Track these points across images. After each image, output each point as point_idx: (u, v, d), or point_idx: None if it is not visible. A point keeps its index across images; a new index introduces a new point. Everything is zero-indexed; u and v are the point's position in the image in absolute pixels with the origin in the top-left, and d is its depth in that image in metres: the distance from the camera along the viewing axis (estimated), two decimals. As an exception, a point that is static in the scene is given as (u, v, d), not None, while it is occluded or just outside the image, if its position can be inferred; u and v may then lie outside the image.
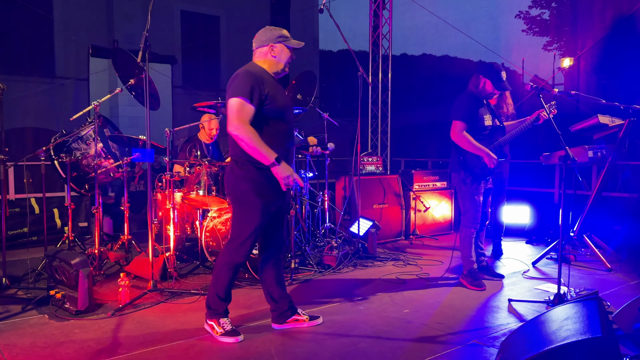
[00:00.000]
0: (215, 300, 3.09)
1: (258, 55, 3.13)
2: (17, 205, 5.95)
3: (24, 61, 11.64)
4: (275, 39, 3.07)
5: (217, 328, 3.07)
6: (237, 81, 2.94)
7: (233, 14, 14.39)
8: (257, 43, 3.12)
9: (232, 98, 2.90)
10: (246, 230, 2.99)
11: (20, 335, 3.09)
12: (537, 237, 6.04)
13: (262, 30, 3.14)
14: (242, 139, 2.86)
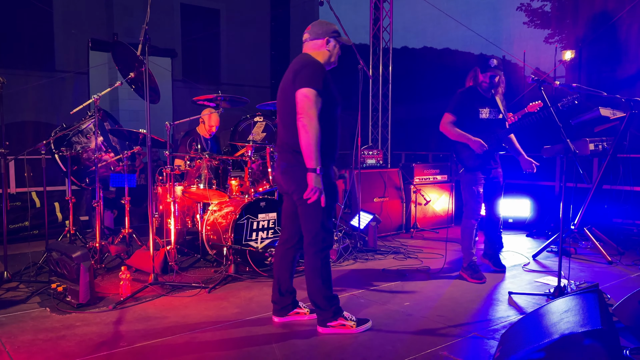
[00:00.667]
0: (329, 296, 3.05)
1: (312, 47, 3.09)
2: (18, 199, 5.96)
3: (24, 55, 11.61)
4: (331, 33, 3.08)
5: (349, 323, 3.05)
6: (311, 71, 2.89)
7: (233, 7, 14.33)
8: (312, 35, 3.09)
9: (307, 88, 2.84)
10: (322, 216, 2.98)
11: (21, 329, 3.10)
12: (538, 230, 6.04)
13: (317, 23, 3.13)
14: (308, 132, 2.82)
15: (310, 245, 3.03)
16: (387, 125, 8.85)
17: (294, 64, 3.02)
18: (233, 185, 4.71)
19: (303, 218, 3.03)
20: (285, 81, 3.04)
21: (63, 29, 11.95)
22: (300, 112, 2.84)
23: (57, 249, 3.73)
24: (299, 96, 2.86)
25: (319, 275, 3.02)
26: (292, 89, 2.91)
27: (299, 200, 2.98)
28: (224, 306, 3.53)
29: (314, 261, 3.03)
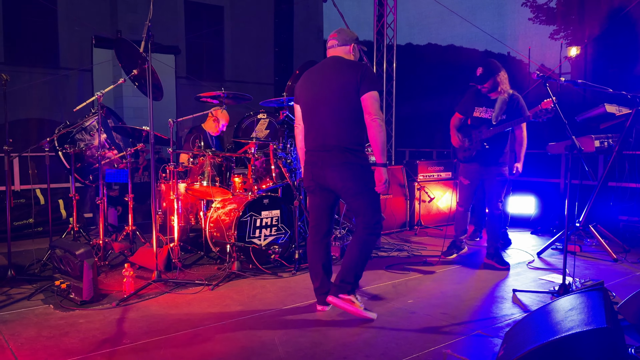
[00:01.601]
0: (358, 275, 3.28)
1: (341, 52, 3.36)
2: (23, 196, 5.97)
3: (28, 52, 11.65)
4: (355, 40, 3.39)
5: (357, 302, 3.24)
6: (372, 74, 3.21)
7: (237, 4, 14.32)
8: (341, 41, 3.36)
9: (376, 91, 3.16)
10: (378, 204, 3.29)
11: (25, 325, 3.11)
12: (543, 228, 6.01)
13: (344, 30, 3.40)
14: (382, 131, 3.13)
15: (372, 230, 3.25)
16: (391, 122, 8.82)
17: (344, 66, 3.24)
18: (236, 182, 4.70)
19: (358, 210, 3.25)
20: (337, 80, 3.21)
21: (67, 26, 11.98)
22: (373, 113, 3.12)
23: (60, 246, 3.74)
24: (370, 99, 3.13)
25: (365, 258, 3.27)
26: (356, 91, 3.14)
27: (355, 194, 3.20)
28: (227, 303, 3.52)
29: (370, 244, 3.27)
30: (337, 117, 3.19)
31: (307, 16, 15.24)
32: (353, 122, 3.18)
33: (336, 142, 3.19)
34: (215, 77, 14.14)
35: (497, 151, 4.46)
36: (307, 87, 3.35)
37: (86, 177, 4.76)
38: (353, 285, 3.26)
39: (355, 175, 3.18)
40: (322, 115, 3.24)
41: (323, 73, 3.30)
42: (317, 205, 3.38)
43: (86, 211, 6.57)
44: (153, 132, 3.87)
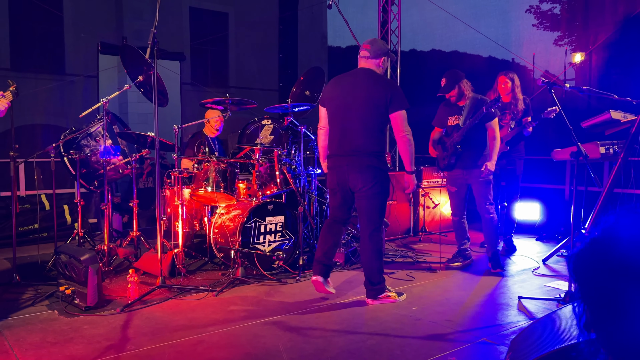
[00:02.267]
0: (381, 269, 3.64)
1: (372, 64, 3.61)
2: (28, 201, 6.00)
3: (34, 58, 11.73)
4: (386, 53, 3.63)
5: (392, 294, 3.65)
6: (401, 93, 3.52)
7: (241, 10, 14.39)
8: (373, 54, 3.59)
9: (404, 110, 3.53)
10: (385, 209, 3.69)
11: (30, 331, 3.11)
12: (548, 234, 5.98)
13: (377, 42, 3.64)
14: (410, 145, 3.55)
15: (374, 233, 3.59)
16: (395, 128, 8.82)
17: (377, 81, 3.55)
18: (241, 188, 4.71)
19: (370, 210, 3.58)
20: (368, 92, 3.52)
21: (73, 33, 12.06)
22: (403, 131, 3.52)
23: (65, 251, 3.74)
24: (399, 117, 3.50)
25: (380, 257, 3.62)
26: (385, 107, 3.48)
27: (372, 195, 3.55)
28: (231, 309, 3.52)
29: (377, 245, 3.59)
30: (366, 126, 3.52)
31: (312, 23, 15.30)
32: (379, 132, 3.56)
33: (363, 148, 3.52)
34: (220, 84, 14.19)
35: (475, 153, 4.49)
36: (337, 94, 3.65)
37: (91, 183, 4.78)
38: (382, 282, 3.62)
39: (375, 178, 3.53)
40: (352, 122, 3.56)
41: (355, 84, 3.59)
42: (341, 200, 3.72)
43: (91, 217, 6.59)
44: (158, 138, 3.89)
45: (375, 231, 3.60)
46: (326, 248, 3.71)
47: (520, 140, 5.17)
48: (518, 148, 5.21)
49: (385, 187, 3.61)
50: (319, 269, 3.68)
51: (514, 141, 5.12)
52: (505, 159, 5.20)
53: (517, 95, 5.04)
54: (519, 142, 5.19)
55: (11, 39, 11.50)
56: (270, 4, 12.61)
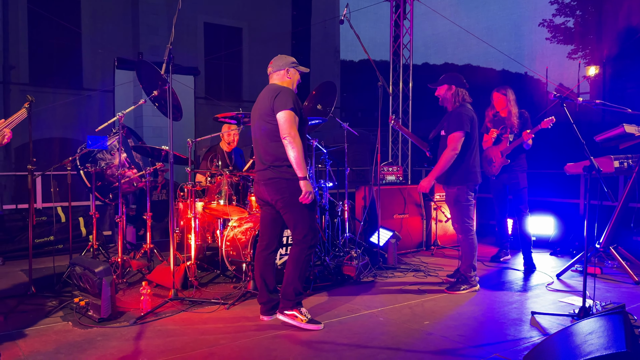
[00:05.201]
0: (298, 288, 3.47)
1: (276, 77, 3.61)
2: (45, 213, 6.09)
3: (53, 73, 11.98)
4: (291, 64, 3.61)
5: (301, 317, 3.44)
6: (283, 96, 3.40)
7: (255, 26, 14.58)
8: (276, 67, 3.61)
9: (285, 110, 3.36)
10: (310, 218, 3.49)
11: (44, 342, 3.15)
12: (562, 249, 5.91)
13: (282, 56, 3.67)
14: (294, 147, 3.32)
15: (299, 244, 3.48)
16: (407, 142, 8.83)
17: (268, 91, 3.53)
18: (253, 201, 4.74)
19: (292, 222, 3.49)
20: (260, 104, 3.53)
21: (91, 49, 12.31)
22: (284, 133, 3.34)
23: (80, 263, 3.79)
24: (279, 119, 3.37)
25: (299, 270, 3.46)
26: (272, 113, 3.41)
27: (284, 207, 3.46)
28: (242, 323, 3.53)
29: (299, 257, 3.47)
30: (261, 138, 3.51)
31: (325, 37, 15.43)
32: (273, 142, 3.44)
33: (265, 161, 3.50)
34: (233, 98, 14.35)
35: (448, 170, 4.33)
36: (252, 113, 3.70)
37: (106, 196, 4.85)
38: (295, 300, 3.48)
39: (280, 189, 3.43)
40: (255, 136, 3.61)
41: (257, 100, 3.62)
42: (262, 219, 3.69)
43: (106, 229, 6.67)
44: (172, 152, 3.94)
45: (302, 247, 3.46)
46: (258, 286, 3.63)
47: (521, 153, 5.17)
48: (519, 162, 5.20)
49: (295, 197, 3.39)
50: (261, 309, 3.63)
51: (514, 154, 5.13)
52: (507, 172, 5.19)
53: (511, 110, 5.10)
54: (520, 155, 5.19)
55: (30, 54, 11.78)
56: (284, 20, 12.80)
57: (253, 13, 14.48)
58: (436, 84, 4.48)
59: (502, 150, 5.16)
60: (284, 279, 3.50)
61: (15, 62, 11.47)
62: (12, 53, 11.39)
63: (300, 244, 3.47)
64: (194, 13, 13.51)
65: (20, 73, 11.59)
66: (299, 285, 3.48)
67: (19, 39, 11.48)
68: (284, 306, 3.49)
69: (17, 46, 11.47)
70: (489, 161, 5.30)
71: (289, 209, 3.46)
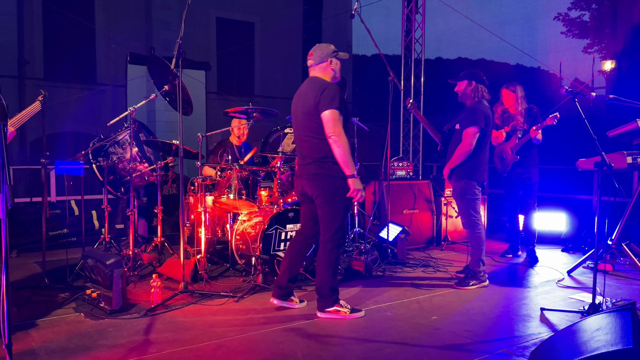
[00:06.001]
0: (333, 284, 3.51)
1: (318, 70, 3.57)
2: (58, 207, 6.18)
3: (67, 68, 12.11)
4: (332, 53, 3.55)
5: (343, 309, 3.52)
6: (329, 94, 3.36)
7: (267, 20, 14.59)
8: (318, 59, 3.55)
9: (331, 110, 3.34)
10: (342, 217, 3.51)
11: (56, 333, 3.21)
12: (574, 245, 5.86)
13: (320, 46, 3.60)
14: (340, 146, 3.35)
15: (329, 242, 3.49)
16: (418, 137, 8.80)
17: (312, 85, 3.50)
18: (262, 195, 4.76)
19: (325, 218, 3.48)
20: (303, 99, 3.51)
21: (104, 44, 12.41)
22: (329, 131, 3.35)
23: (92, 256, 3.85)
24: (325, 118, 3.37)
25: (331, 269, 3.48)
26: (315, 110, 3.40)
27: (323, 203, 3.46)
28: (251, 315, 3.56)
29: (330, 256, 3.49)
30: (305, 134, 3.52)
31: (336, 32, 15.39)
32: (316, 138, 3.45)
33: (309, 155, 3.52)
34: (245, 93, 14.38)
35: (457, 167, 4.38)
36: (292, 107, 3.68)
37: (118, 189, 4.90)
38: (332, 297, 3.52)
39: (322, 185, 3.46)
40: (297, 132, 3.61)
41: (299, 95, 3.61)
42: (303, 212, 3.73)
43: (118, 222, 6.74)
44: (182, 146, 3.98)
45: (328, 241, 3.49)
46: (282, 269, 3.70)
47: (531, 148, 5.15)
48: (531, 157, 5.19)
49: (335, 194, 3.43)
50: (275, 292, 3.72)
51: (525, 150, 5.11)
52: (520, 168, 5.18)
53: (518, 107, 5.07)
54: (531, 150, 5.16)
55: (45, 50, 11.90)
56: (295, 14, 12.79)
57: (265, 8, 14.49)
58: (456, 79, 4.49)
59: (512, 146, 5.14)
60: (318, 279, 3.53)
61: (30, 58, 11.61)
62: (27, 48, 11.53)
63: (330, 243, 3.48)
64: (207, 8, 13.55)
65: (35, 68, 11.73)
66: (334, 283, 3.51)
67: (33, 35, 11.61)
68: (323, 305, 3.52)
69: (32, 41, 11.60)
70: (500, 158, 5.28)
71: (327, 205, 3.46)
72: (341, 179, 3.42)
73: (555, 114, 4.80)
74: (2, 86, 10.80)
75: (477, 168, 4.33)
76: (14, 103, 10.93)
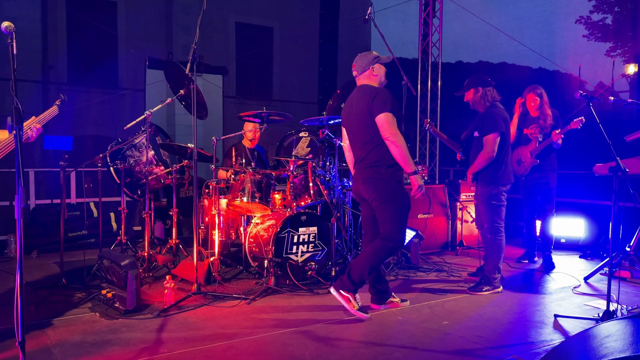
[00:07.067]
0: (363, 275, 3.54)
1: (364, 78, 3.73)
2: (78, 208, 6.31)
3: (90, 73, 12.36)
4: (374, 59, 3.69)
5: (354, 302, 3.55)
6: (381, 98, 3.52)
7: (286, 25, 14.67)
8: (360, 69, 3.71)
9: (385, 113, 3.49)
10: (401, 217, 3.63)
11: (71, 331, 3.28)
12: (592, 252, 5.76)
13: (361, 56, 3.73)
14: (399, 146, 3.48)
15: (386, 240, 3.57)
16: (435, 141, 8.76)
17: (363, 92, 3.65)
18: (276, 199, 4.80)
19: (384, 220, 3.59)
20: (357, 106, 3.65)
21: (126, 49, 12.64)
22: (386, 133, 3.48)
23: (108, 257, 3.93)
24: (380, 121, 3.50)
25: (373, 260, 3.56)
26: (370, 114, 3.54)
27: (379, 205, 3.59)
28: (262, 318, 3.59)
29: (379, 250, 3.57)
30: (361, 139, 3.65)
31: (355, 35, 15.40)
32: (372, 143, 3.58)
33: (364, 160, 3.65)
34: (263, 97, 14.48)
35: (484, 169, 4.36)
36: (345, 114, 3.84)
37: (135, 192, 4.99)
38: (355, 286, 3.56)
39: (377, 188, 3.58)
40: (353, 137, 3.75)
41: (351, 102, 3.75)
42: (363, 216, 3.89)
43: (135, 224, 6.85)
44: (196, 149, 4.04)
45: (385, 238, 3.58)
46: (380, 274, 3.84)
47: (551, 152, 5.09)
48: (550, 161, 5.12)
49: (389, 197, 3.56)
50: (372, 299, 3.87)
51: (544, 154, 5.05)
52: (538, 172, 5.12)
53: (545, 111, 5.04)
54: (550, 155, 5.10)
55: (68, 55, 12.17)
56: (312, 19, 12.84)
57: (283, 12, 14.58)
58: (462, 90, 4.49)
59: (532, 150, 5.08)
60: (357, 260, 3.60)
61: (54, 63, 11.87)
62: (51, 54, 11.79)
63: (388, 241, 3.57)
64: (226, 13, 13.70)
65: (58, 73, 12.00)
66: (365, 275, 3.56)
67: (57, 41, 11.87)
68: (342, 285, 3.57)
69: (56, 47, 11.87)
70: (518, 161, 5.22)
71: (383, 207, 3.57)
72: (395, 182, 3.58)
73: (580, 117, 4.74)
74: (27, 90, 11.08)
75: (504, 170, 4.32)
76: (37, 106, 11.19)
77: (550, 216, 5.19)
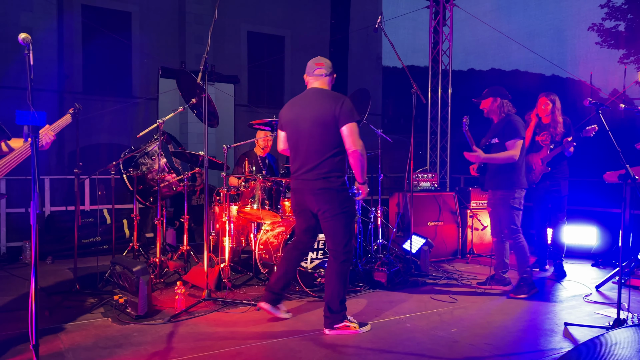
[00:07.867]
0: (342, 301, 3.46)
1: (324, 82, 3.61)
2: (92, 215, 6.40)
3: (104, 83, 12.56)
4: (332, 68, 3.65)
5: (352, 325, 3.46)
6: (348, 106, 3.41)
7: (297, 34, 14.79)
8: (327, 71, 3.61)
9: (353, 123, 3.40)
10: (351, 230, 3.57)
11: (84, 336, 3.34)
12: (605, 260, 5.71)
13: (326, 60, 3.64)
14: (362, 158, 3.42)
15: (340, 255, 3.47)
16: (445, 149, 8.75)
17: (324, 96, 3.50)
18: (286, 206, 4.84)
19: (333, 231, 3.48)
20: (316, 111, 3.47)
21: (139, 59, 12.84)
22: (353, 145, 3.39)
23: (120, 263, 3.99)
24: (346, 131, 3.39)
25: (343, 282, 3.45)
26: (334, 122, 3.40)
27: (330, 217, 3.46)
28: (271, 324, 3.62)
29: (341, 269, 3.46)
30: (316, 147, 3.47)
31: (366, 44, 15.48)
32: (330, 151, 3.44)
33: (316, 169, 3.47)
34: (274, 105, 14.58)
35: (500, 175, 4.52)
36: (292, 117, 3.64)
37: (147, 199, 5.06)
38: (341, 312, 3.45)
39: (329, 200, 3.45)
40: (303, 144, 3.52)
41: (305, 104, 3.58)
42: (300, 225, 3.72)
43: (148, 231, 6.93)
44: (207, 157, 4.10)
45: (339, 253, 3.46)
46: (278, 275, 3.67)
47: (562, 160, 5.07)
48: (562, 169, 5.11)
49: (341, 207, 3.45)
50: (267, 297, 3.67)
51: (555, 162, 5.04)
52: (549, 180, 5.10)
53: (557, 118, 5.03)
54: (561, 162, 5.09)
55: (84, 65, 12.39)
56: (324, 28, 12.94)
57: (295, 21, 14.71)
58: (480, 98, 4.63)
59: (543, 157, 5.06)
60: (329, 293, 3.44)
61: (69, 72, 12.08)
62: (66, 63, 12.01)
63: (341, 256, 3.45)
64: (238, 22, 13.85)
65: (74, 82, 12.21)
66: (344, 296, 3.47)
67: (73, 50, 12.09)
68: (332, 321, 3.42)
69: (71, 57, 12.08)
70: (529, 168, 5.20)
71: (335, 219, 3.45)
72: (344, 192, 3.48)
73: (593, 125, 4.75)
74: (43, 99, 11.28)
75: (522, 174, 4.49)
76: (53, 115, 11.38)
77: (561, 224, 5.17)
